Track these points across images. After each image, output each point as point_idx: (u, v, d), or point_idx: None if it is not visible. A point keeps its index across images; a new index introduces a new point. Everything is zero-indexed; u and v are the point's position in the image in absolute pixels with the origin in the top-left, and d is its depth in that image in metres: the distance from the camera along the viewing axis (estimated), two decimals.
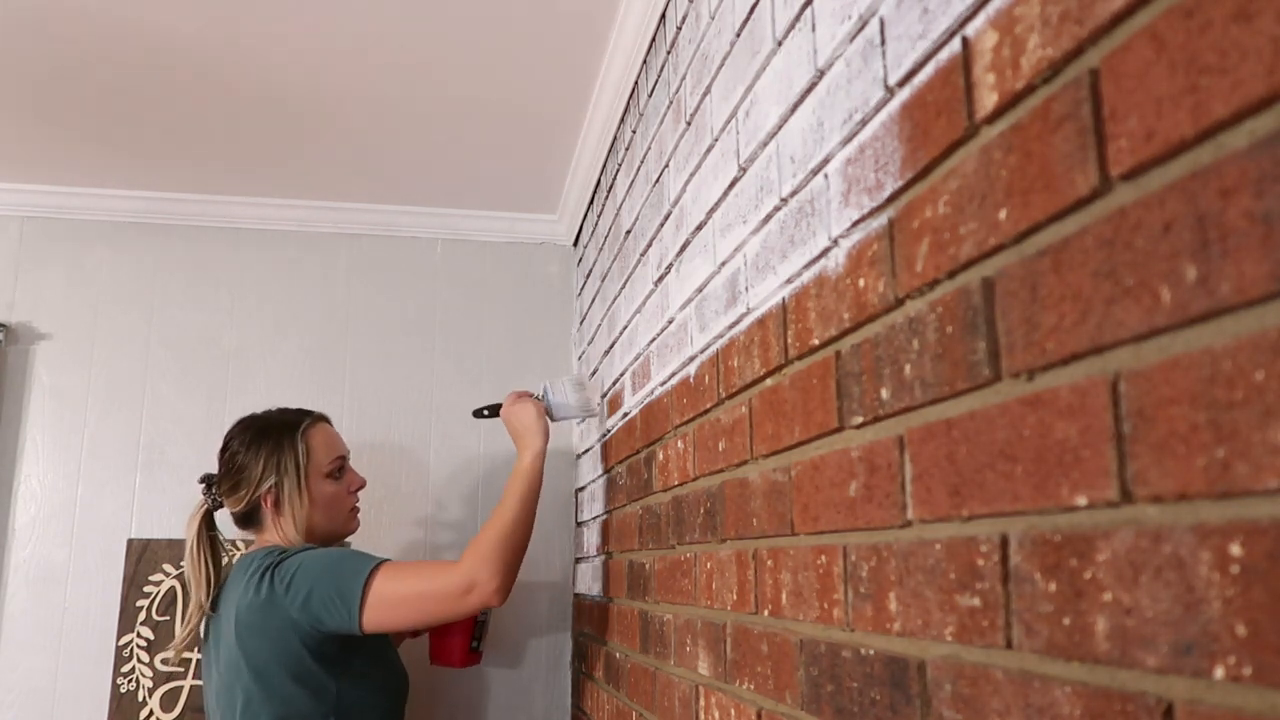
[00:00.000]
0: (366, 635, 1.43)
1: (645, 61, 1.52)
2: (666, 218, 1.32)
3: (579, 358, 2.21)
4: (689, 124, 1.21)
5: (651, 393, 1.38)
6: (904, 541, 0.62)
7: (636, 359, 1.51)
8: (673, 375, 1.25)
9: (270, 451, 1.56)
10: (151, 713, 2.02)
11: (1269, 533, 0.35)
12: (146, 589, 2.07)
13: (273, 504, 1.55)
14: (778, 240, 0.87)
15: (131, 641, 2.04)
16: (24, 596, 2.05)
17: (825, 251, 0.76)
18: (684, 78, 1.25)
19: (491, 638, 2.14)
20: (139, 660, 2.04)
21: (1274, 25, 0.35)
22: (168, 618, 2.06)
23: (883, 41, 0.67)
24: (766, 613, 0.87)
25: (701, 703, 1.05)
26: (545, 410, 1.71)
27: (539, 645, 2.17)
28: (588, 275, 2.11)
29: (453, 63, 1.64)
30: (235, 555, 1.80)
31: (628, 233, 1.61)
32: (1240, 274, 0.37)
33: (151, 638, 2.05)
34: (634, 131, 1.59)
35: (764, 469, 0.89)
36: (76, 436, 2.12)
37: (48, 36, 1.56)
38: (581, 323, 2.19)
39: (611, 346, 1.75)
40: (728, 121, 1.04)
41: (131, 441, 2.13)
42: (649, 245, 1.43)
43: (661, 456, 1.30)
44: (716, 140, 1.08)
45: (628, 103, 1.65)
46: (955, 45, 0.58)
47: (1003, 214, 0.52)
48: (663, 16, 1.40)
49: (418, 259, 2.31)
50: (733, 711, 0.94)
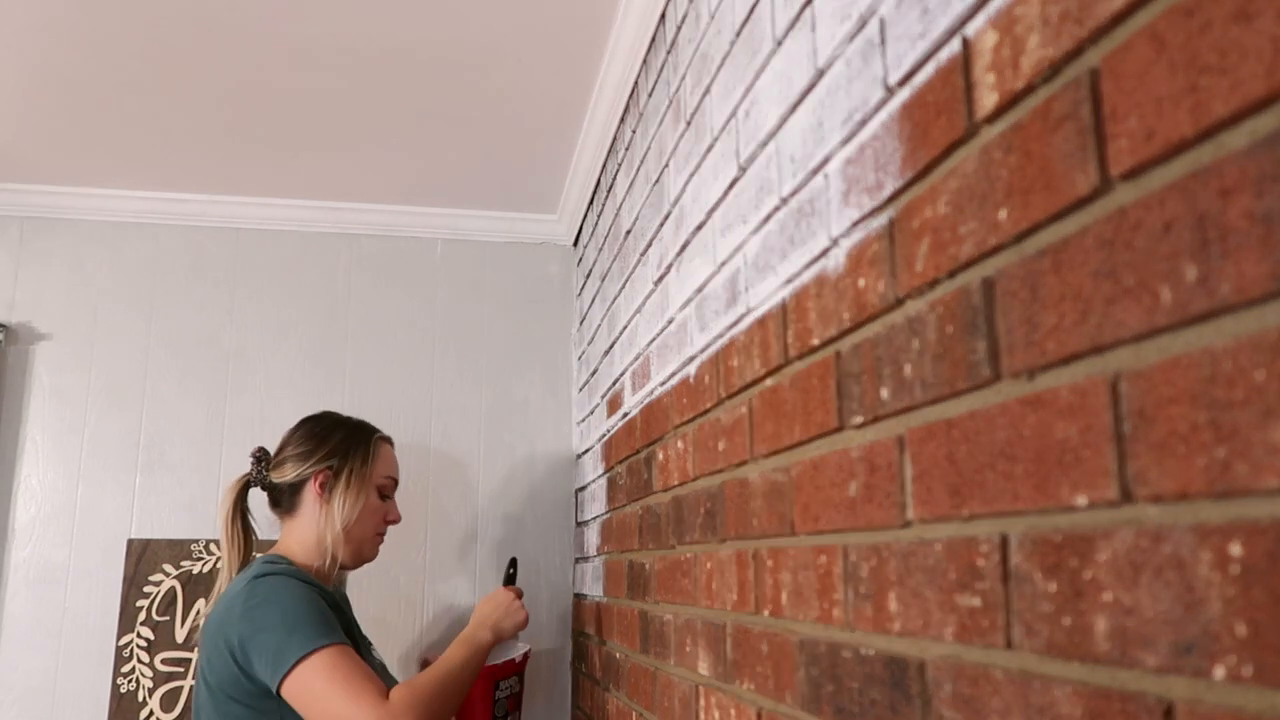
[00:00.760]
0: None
1: (645, 61, 1.52)
2: (666, 218, 1.32)
3: (579, 358, 2.21)
4: (689, 124, 1.21)
5: (651, 393, 1.38)
6: (904, 541, 0.62)
7: (636, 359, 1.51)
8: (673, 375, 1.25)
9: (342, 439, 1.56)
10: (151, 713, 2.02)
11: (1269, 533, 0.35)
12: (146, 589, 2.07)
13: (323, 487, 1.52)
14: (778, 240, 0.87)
15: (131, 641, 2.04)
16: (24, 596, 2.05)
17: (825, 251, 0.76)
18: (684, 78, 1.25)
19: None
20: (139, 660, 2.04)
21: (1274, 25, 0.35)
22: (168, 618, 2.06)
23: (883, 41, 0.67)
24: (766, 613, 0.87)
25: (701, 703, 1.05)
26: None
27: (539, 645, 2.17)
28: (588, 275, 2.11)
29: (452, 62, 1.64)
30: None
31: (628, 233, 1.61)
32: (1240, 274, 0.37)
33: (151, 638, 2.05)
34: (634, 131, 1.59)
35: (764, 469, 0.89)
36: (76, 436, 2.12)
37: (48, 37, 1.56)
38: (581, 323, 2.19)
39: (611, 346, 1.75)
40: (728, 121, 1.04)
41: (131, 441, 2.13)
42: (649, 245, 1.43)
43: (661, 456, 1.30)
44: (716, 140, 1.08)
45: (628, 103, 1.65)
46: (955, 45, 0.58)
47: (1003, 214, 0.52)
48: (662, 16, 1.40)
49: (418, 259, 2.31)
50: (733, 711, 0.94)
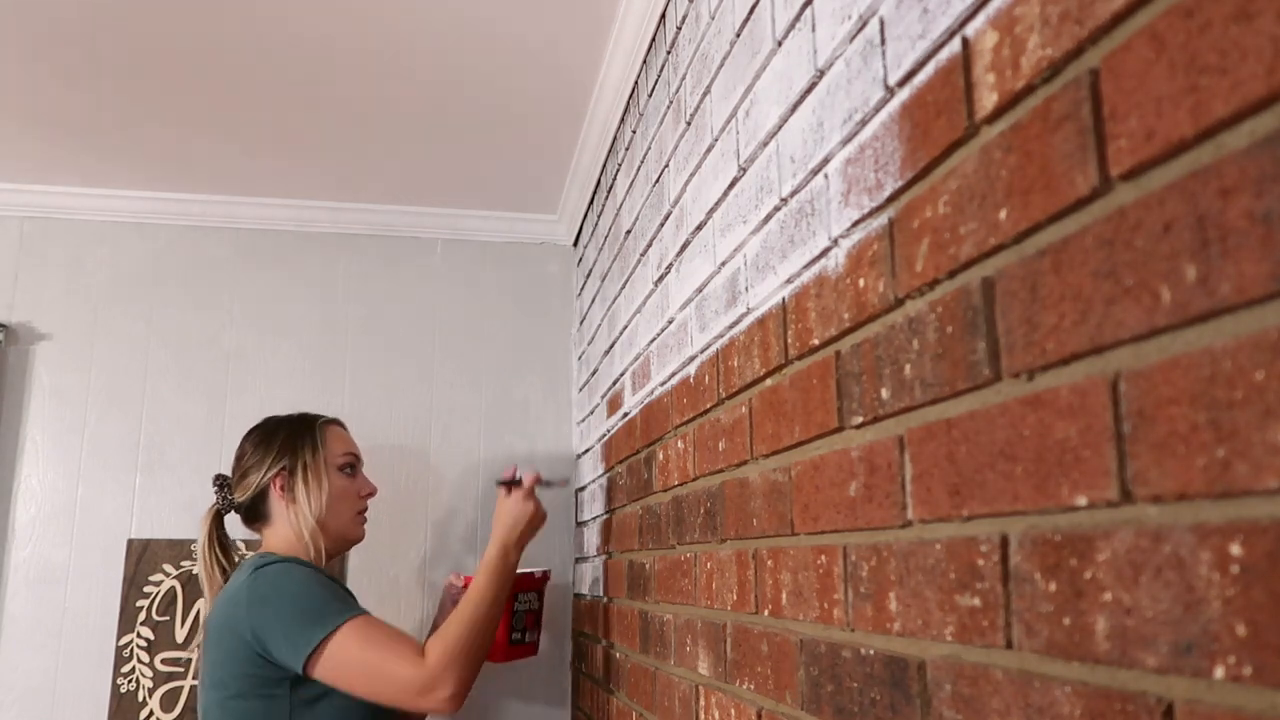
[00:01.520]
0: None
1: (645, 61, 1.52)
2: (666, 218, 1.32)
3: (579, 358, 2.21)
4: (689, 124, 1.21)
5: (651, 393, 1.38)
6: (904, 541, 0.62)
7: (636, 359, 1.51)
8: (673, 375, 1.25)
9: (286, 438, 1.57)
10: (151, 713, 2.02)
11: (1269, 533, 0.35)
12: (146, 589, 2.07)
13: (283, 489, 1.53)
14: (778, 240, 0.87)
15: (131, 641, 2.04)
16: (24, 596, 2.05)
17: (825, 251, 0.76)
18: (684, 78, 1.25)
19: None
20: (139, 660, 2.04)
21: (1274, 25, 0.35)
22: (168, 618, 2.06)
23: (883, 41, 0.67)
24: (766, 613, 0.87)
25: (701, 703, 1.05)
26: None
27: (539, 645, 2.17)
28: (588, 275, 2.11)
29: (452, 62, 1.64)
30: (241, 556, 1.79)
31: (628, 233, 1.61)
32: (1240, 274, 0.37)
33: (151, 638, 2.05)
34: (634, 131, 1.59)
35: (764, 469, 0.89)
36: (76, 436, 2.12)
37: (48, 36, 1.56)
38: (581, 323, 2.19)
39: (611, 346, 1.75)
40: (728, 121, 1.04)
41: (131, 441, 2.13)
42: (649, 245, 1.43)
43: (661, 456, 1.30)
44: (716, 140, 1.08)
45: (628, 103, 1.65)
46: (955, 45, 0.58)
47: (1003, 214, 0.52)
48: (663, 16, 1.40)
49: (418, 259, 2.31)
50: (733, 711, 0.94)
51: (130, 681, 2.03)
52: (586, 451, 2.04)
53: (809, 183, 0.80)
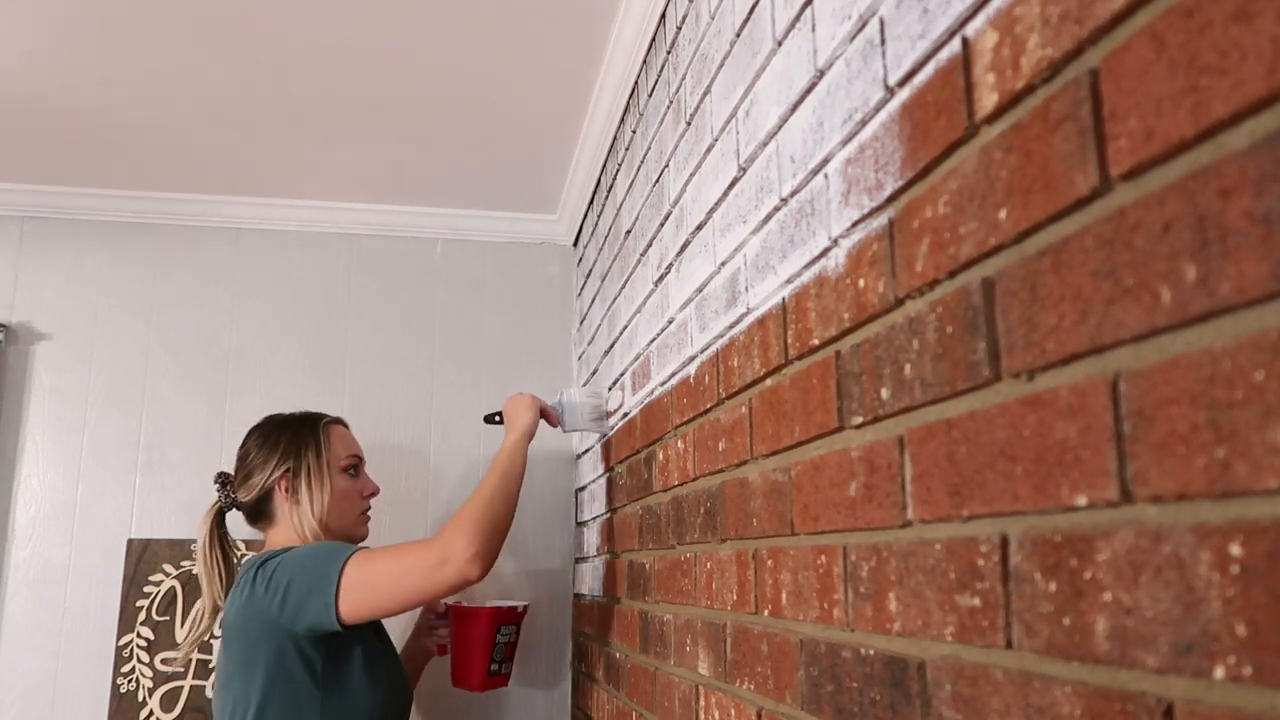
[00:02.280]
0: (350, 636, 1.39)
1: (645, 61, 1.52)
2: (666, 218, 1.32)
3: (579, 358, 2.21)
4: (689, 124, 1.21)
5: (651, 393, 1.38)
6: (904, 541, 0.62)
7: (636, 359, 1.51)
8: (673, 375, 1.25)
9: (290, 439, 1.57)
10: (151, 713, 2.02)
11: (1269, 533, 0.35)
12: (146, 589, 2.07)
13: (288, 490, 1.54)
14: (778, 240, 0.87)
15: (131, 641, 2.04)
16: (24, 596, 2.05)
17: (825, 251, 0.76)
18: (684, 78, 1.25)
19: (520, 657, 2.12)
20: (139, 660, 2.04)
21: (1274, 25, 0.35)
22: (168, 618, 2.06)
23: (883, 41, 0.67)
24: (766, 613, 0.87)
25: (701, 703, 1.05)
26: (557, 413, 1.74)
27: (539, 645, 2.17)
28: (588, 275, 2.11)
29: (453, 62, 1.64)
30: (245, 555, 1.80)
31: (628, 233, 1.61)
32: (1240, 274, 0.37)
33: (151, 638, 2.05)
34: (634, 131, 1.59)
35: (764, 469, 0.89)
36: (76, 436, 2.12)
37: (48, 36, 1.56)
38: (581, 323, 2.19)
39: (611, 346, 1.75)
40: (728, 121, 1.04)
41: (131, 441, 2.13)
42: (649, 245, 1.43)
43: (661, 456, 1.30)
44: (716, 140, 1.08)
45: (628, 103, 1.65)
46: (955, 45, 0.58)
47: (1003, 214, 0.52)
48: (663, 16, 1.40)
49: (418, 259, 2.31)
50: (733, 711, 0.94)
51: (130, 681, 2.03)
52: (586, 451, 2.04)
53: (809, 183, 0.80)
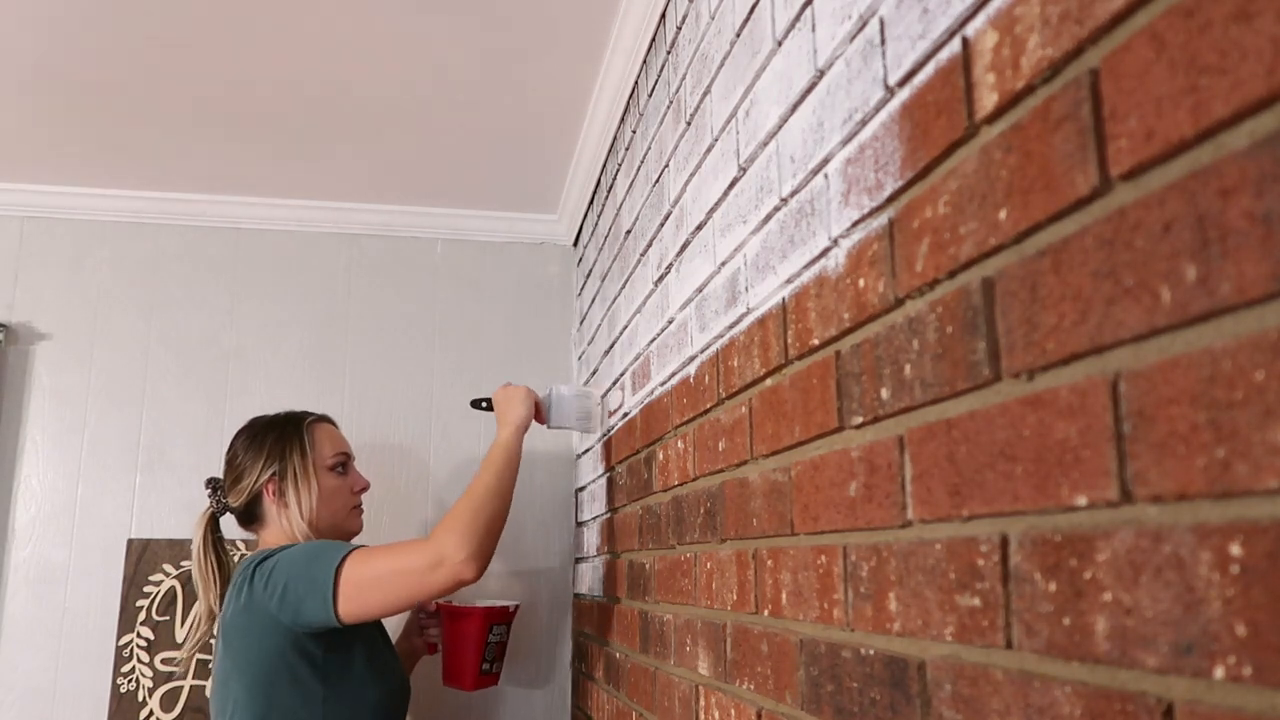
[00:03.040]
0: (350, 630, 1.40)
1: (645, 61, 1.52)
2: (666, 218, 1.32)
3: (579, 358, 2.21)
4: (689, 124, 1.21)
5: (651, 393, 1.38)
6: (904, 541, 0.62)
7: (636, 359, 1.51)
8: (673, 375, 1.25)
9: (275, 441, 1.57)
10: (151, 713, 2.02)
11: (1269, 533, 0.35)
12: (146, 589, 2.07)
13: (275, 493, 1.54)
14: (778, 240, 0.87)
15: (131, 641, 2.04)
16: (24, 596, 2.05)
17: (825, 251, 0.76)
18: (684, 78, 1.25)
19: (520, 656, 2.13)
20: (139, 660, 2.04)
21: (1274, 25, 0.35)
22: (168, 618, 2.06)
23: (883, 41, 0.67)
24: (766, 613, 0.87)
25: (701, 703, 1.05)
26: (543, 410, 1.72)
27: (539, 645, 2.17)
28: (588, 275, 2.11)
29: (453, 62, 1.64)
30: (241, 555, 1.80)
31: (628, 233, 1.61)
32: (1240, 274, 0.37)
33: (151, 638, 2.05)
34: (634, 131, 1.59)
35: (764, 469, 0.89)
36: (76, 436, 2.12)
37: (48, 36, 1.56)
38: (581, 323, 2.19)
39: (611, 346, 1.75)
40: (728, 121, 1.04)
41: (131, 441, 2.13)
42: (649, 245, 1.43)
43: (661, 456, 1.30)
44: (716, 140, 1.08)
45: (628, 103, 1.65)
46: (955, 45, 0.58)
47: (1003, 214, 0.52)
48: (663, 16, 1.40)
49: (418, 259, 2.31)
50: (733, 711, 0.94)
51: (130, 681, 2.03)
52: (586, 451, 2.04)
53: (809, 183, 0.80)
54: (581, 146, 1.92)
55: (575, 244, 2.33)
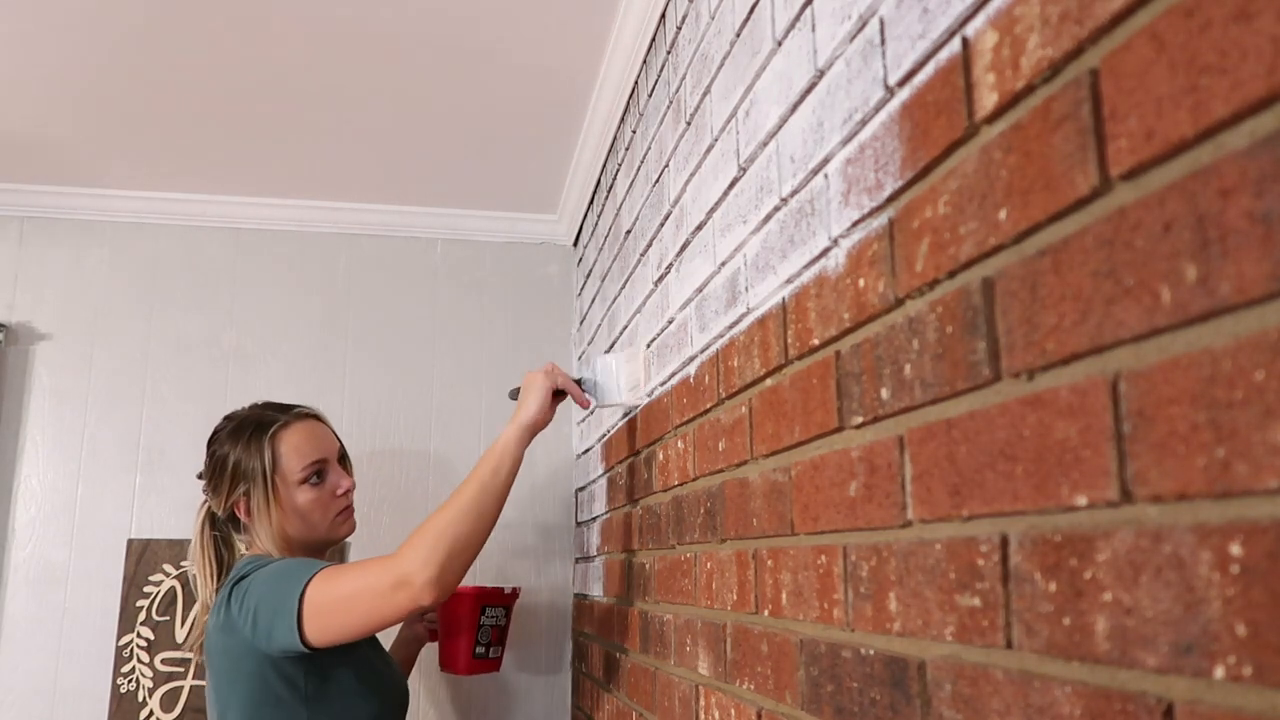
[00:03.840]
0: (323, 652, 1.30)
1: (645, 61, 1.52)
2: (666, 218, 1.32)
3: (579, 358, 2.21)
4: (689, 124, 1.21)
5: (651, 393, 1.38)
6: (904, 541, 0.62)
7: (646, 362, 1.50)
8: (673, 375, 1.25)
9: (240, 456, 1.46)
10: (151, 713, 2.02)
11: (1269, 533, 0.35)
12: (146, 589, 2.07)
13: (245, 512, 1.46)
14: (778, 240, 0.87)
15: (131, 641, 2.04)
16: (24, 596, 2.05)
17: (825, 251, 0.76)
18: (684, 78, 1.25)
19: (511, 642, 2.11)
20: (139, 660, 2.04)
21: (1274, 25, 0.35)
22: (168, 618, 2.06)
23: (883, 41, 0.67)
24: (766, 613, 0.87)
25: (701, 703, 1.05)
26: (588, 385, 1.52)
27: (539, 645, 2.17)
28: (588, 275, 2.11)
29: (453, 61, 1.64)
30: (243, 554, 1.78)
31: (628, 233, 1.61)
32: (1240, 274, 0.37)
33: (151, 638, 2.05)
34: (634, 131, 1.59)
35: (764, 469, 0.89)
36: (76, 436, 2.12)
37: (48, 37, 1.56)
38: (581, 323, 2.19)
39: (611, 347, 1.75)
40: (728, 121, 1.04)
41: (131, 442, 2.13)
42: (649, 245, 1.43)
43: (661, 456, 1.30)
44: (716, 140, 1.08)
45: (627, 102, 1.65)
46: (955, 45, 0.58)
47: (1003, 214, 0.52)
48: (662, 16, 1.40)
49: (418, 259, 2.31)
50: (733, 711, 0.94)
51: (130, 681, 2.03)
52: (586, 451, 2.04)
53: (809, 183, 0.80)
54: (581, 147, 1.92)
55: (575, 244, 2.33)
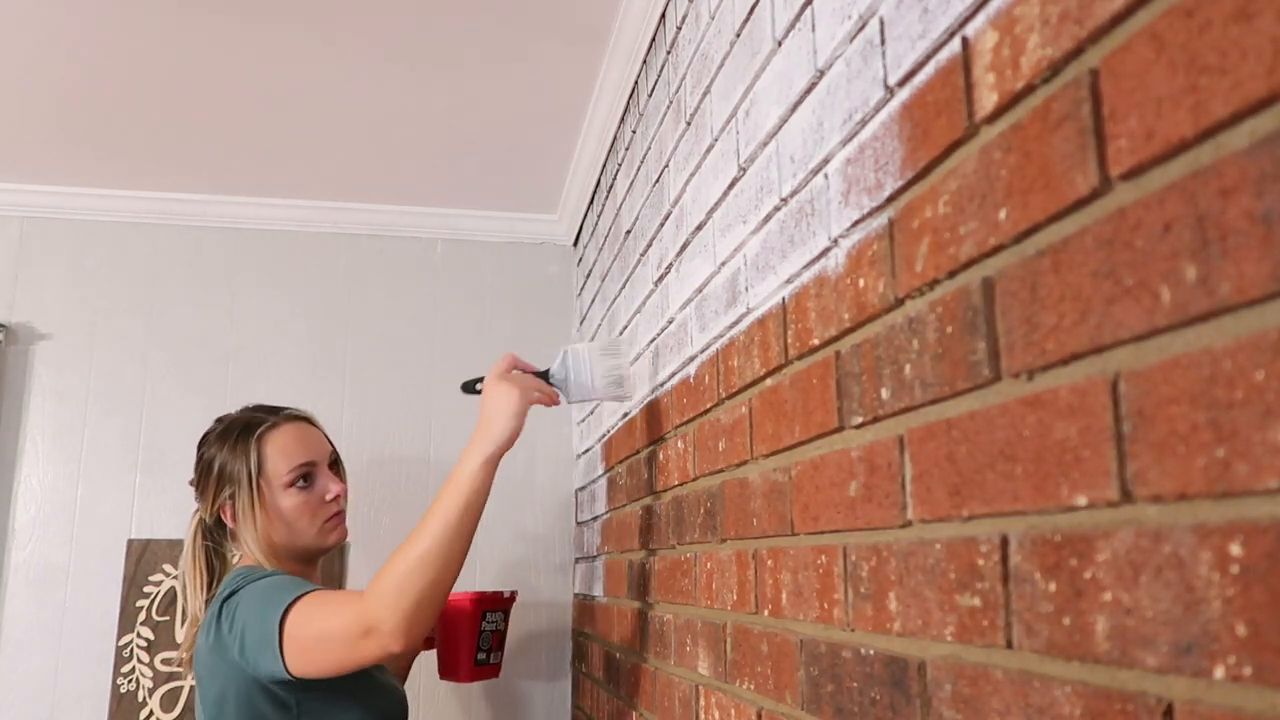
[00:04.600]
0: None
1: (645, 61, 1.52)
2: (666, 218, 1.32)
3: None
4: (689, 124, 1.21)
5: (651, 393, 1.38)
6: (904, 541, 0.62)
7: (636, 359, 1.51)
8: (673, 375, 1.25)
9: (226, 459, 1.41)
10: (151, 713, 2.02)
11: (1269, 533, 0.35)
12: (146, 589, 2.07)
13: (231, 517, 1.41)
14: (778, 240, 0.87)
15: (131, 641, 2.04)
16: (24, 596, 2.05)
17: (825, 251, 0.76)
18: (684, 78, 1.25)
19: (512, 642, 2.10)
20: (139, 660, 2.04)
21: (1274, 25, 0.35)
22: (168, 618, 2.06)
23: (883, 41, 0.67)
24: (766, 613, 0.87)
25: (701, 703, 1.05)
26: (558, 381, 1.34)
27: (539, 645, 2.17)
28: (588, 275, 2.11)
29: (453, 62, 1.64)
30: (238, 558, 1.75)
31: (628, 233, 1.61)
32: (1240, 274, 0.37)
33: (151, 638, 2.05)
34: (634, 131, 1.59)
35: (764, 469, 0.89)
36: (76, 436, 2.12)
37: (48, 37, 1.56)
38: (581, 323, 2.19)
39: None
40: (728, 121, 1.04)
41: (131, 441, 2.13)
42: (649, 245, 1.43)
43: (661, 456, 1.30)
44: (716, 140, 1.08)
45: (628, 103, 1.65)
46: (955, 45, 0.58)
47: (1003, 214, 0.52)
48: (663, 16, 1.40)
49: (418, 259, 2.31)
50: (733, 711, 0.94)
51: (130, 681, 2.03)
52: (586, 451, 2.04)
53: (809, 183, 0.80)
54: (581, 146, 1.92)
55: (575, 244, 2.33)
